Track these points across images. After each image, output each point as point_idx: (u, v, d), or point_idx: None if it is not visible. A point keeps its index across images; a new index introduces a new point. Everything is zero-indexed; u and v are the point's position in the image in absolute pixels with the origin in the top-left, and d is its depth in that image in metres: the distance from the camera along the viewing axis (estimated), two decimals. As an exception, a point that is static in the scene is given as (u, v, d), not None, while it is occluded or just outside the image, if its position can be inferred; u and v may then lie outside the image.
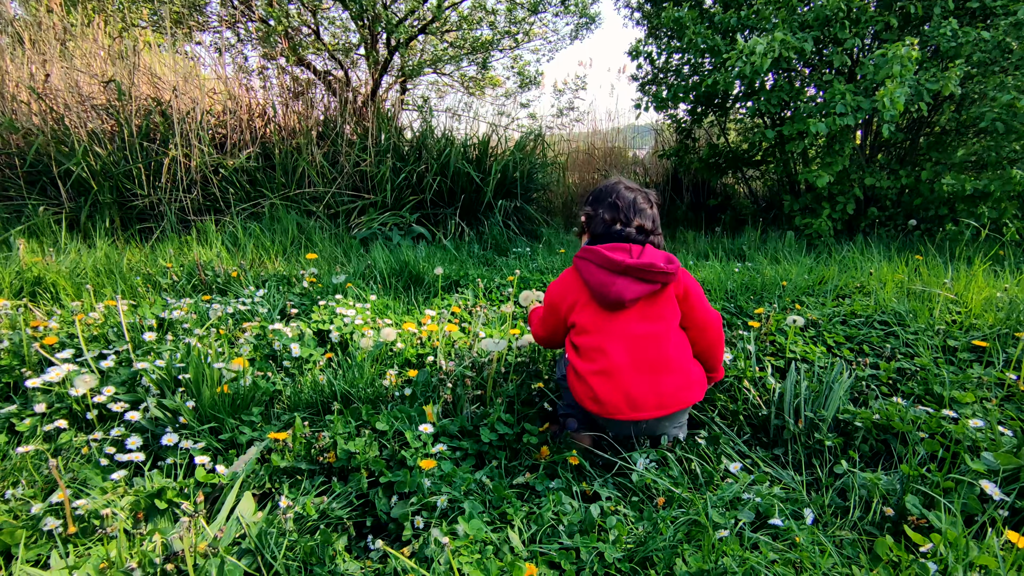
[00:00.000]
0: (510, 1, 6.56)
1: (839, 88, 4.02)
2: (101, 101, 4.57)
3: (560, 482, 1.30)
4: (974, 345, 1.95)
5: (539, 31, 7.31)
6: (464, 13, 6.68)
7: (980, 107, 4.13)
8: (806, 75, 4.90)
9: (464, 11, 6.71)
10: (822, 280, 2.91)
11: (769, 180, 6.29)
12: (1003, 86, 4.00)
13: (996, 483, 1.14)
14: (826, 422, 1.43)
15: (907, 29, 4.40)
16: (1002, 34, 4.03)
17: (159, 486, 1.08)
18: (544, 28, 7.32)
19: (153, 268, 2.82)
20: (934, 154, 4.73)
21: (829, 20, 4.10)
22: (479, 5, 6.69)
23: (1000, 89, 3.99)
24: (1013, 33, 4.02)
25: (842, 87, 4.02)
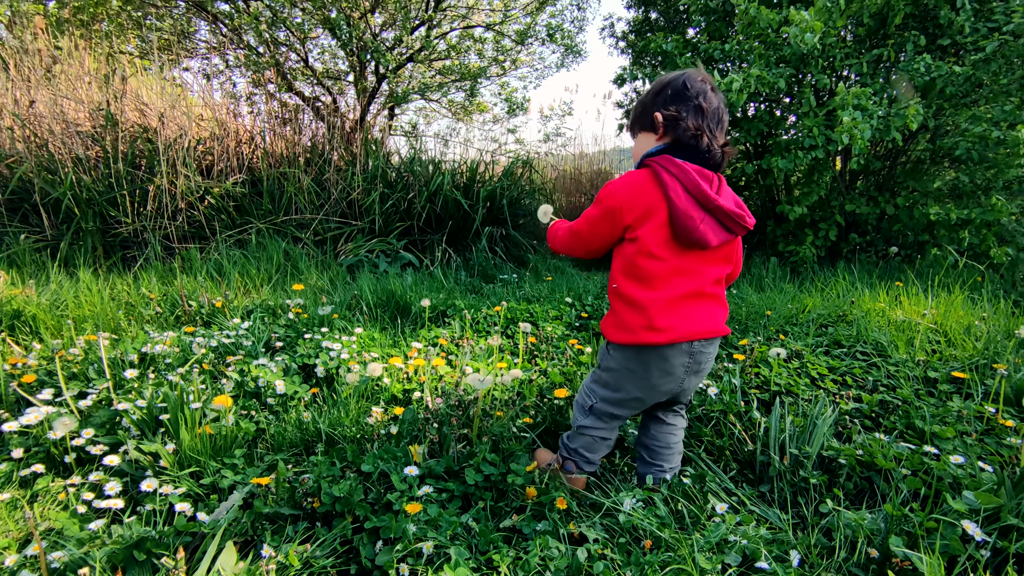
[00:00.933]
0: (497, 31, 6.68)
1: (807, 123, 4.12)
2: (87, 127, 4.56)
3: (547, 524, 1.29)
4: (954, 376, 1.98)
5: (526, 59, 7.44)
6: (452, 42, 6.79)
7: (953, 137, 4.24)
8: (787, 104, 5.02)
9: (452, 40, 6.81)
10: (805, 308, 2.95)
11: (753, 206, 6.39)
12: (975, 118, 4.12)
13: (977, 523, 1.15)
14: (811, 459, 1.44)
15: (881, 64, 4.53)
16: (971, 68, 4.17)
17: (138, 536, 1.06)
18: (531, 56, 7.45)
19: (136, 299, 2.79)
20: (911, 182, 4.84)
21: (805, 57, 4.21)
22: (467, 34, 6.80)
23: (972, 121, 4.11)
24: (982, 68, 4.15)
25: (810, 122, 4.12)
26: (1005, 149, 4.00)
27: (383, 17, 6.43)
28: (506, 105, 7.77)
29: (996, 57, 4.14)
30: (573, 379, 1.91)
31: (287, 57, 6.29)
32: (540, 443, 1.66)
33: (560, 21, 7.05)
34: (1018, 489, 1.21)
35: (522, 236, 5.19)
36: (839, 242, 4.95)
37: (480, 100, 7.69)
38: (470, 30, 6.70)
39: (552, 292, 3.52)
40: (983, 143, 4.04)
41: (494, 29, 6.62)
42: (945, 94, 4.22)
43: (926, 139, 4.81)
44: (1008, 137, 3.89)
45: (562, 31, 6.85)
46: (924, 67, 4.29)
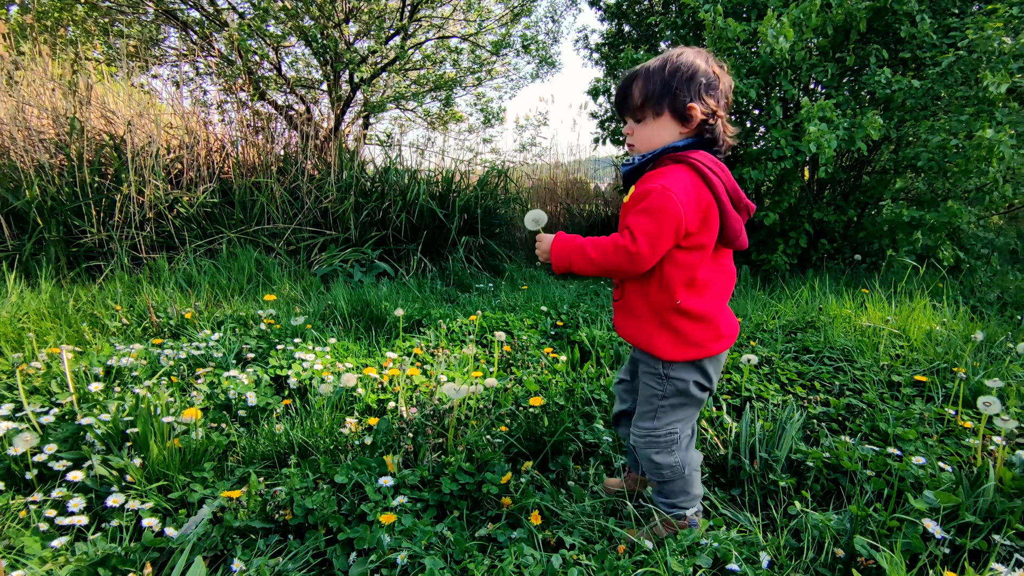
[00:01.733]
0: (472, 42, 6.72)
1: (776, 134, 4.23)
2: (51, 135, 4.45)
3: (523, 531, 1.30)
4: (916, 380, 2.05)
5: (501, 69, 7.49)
6: (428, 52, 6.81)
7: (915, 148, 4.39)
8: (756, 115, 5.14)
9: (428, 50, 6.84)
10: (776, 315, 3.01)
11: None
12: (933, 129, 4.28)
13: (937, 521, 1.19)
14: (779, 462, 1.47)
15: (846, 76, 4.67)
16: (930, 82, 4.33)
17: (103, 553, 1.04)
18: (506, 67, 7.51)
19: (101, 310, 2.72)
20: (875, 191, 5.00)
21: (774, 68, 4.32)
22: (443, 45, 6.83)
23: (931, 132, 4.27)
24: (940, 82, 4.32)
25: (779, 133, 4.23)
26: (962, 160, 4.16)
27: (357, 27, 6.43)
28: (482, 115, 7.81)
29: (952, 71, 4.32)
30: (548, 387, 1.92)
31: (260, 65, 6.22)
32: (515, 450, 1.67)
33: (535, 33, 7.13)
34: (976, 488, 1.26)
35: (498, 245, 5.21)
36: (809, 250, 5.07)
37: (455, 110, 7.71)
38: (445, 40, 6.73)
39: (528, 301, 3.54)
40: (942, 153, 4.19)
41: (469, 40, 6.66)
42: (906, 106, 4.37)
43: (890, 150, 4.97)
44: (966, 146, 4.04)
45: (536, 43, 6.92)
46: (885, 80, 4.45)
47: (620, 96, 1.23)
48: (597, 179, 8.17)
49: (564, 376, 2.04)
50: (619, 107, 1.24)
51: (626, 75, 1.23)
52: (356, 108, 6.84)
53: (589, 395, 1.89)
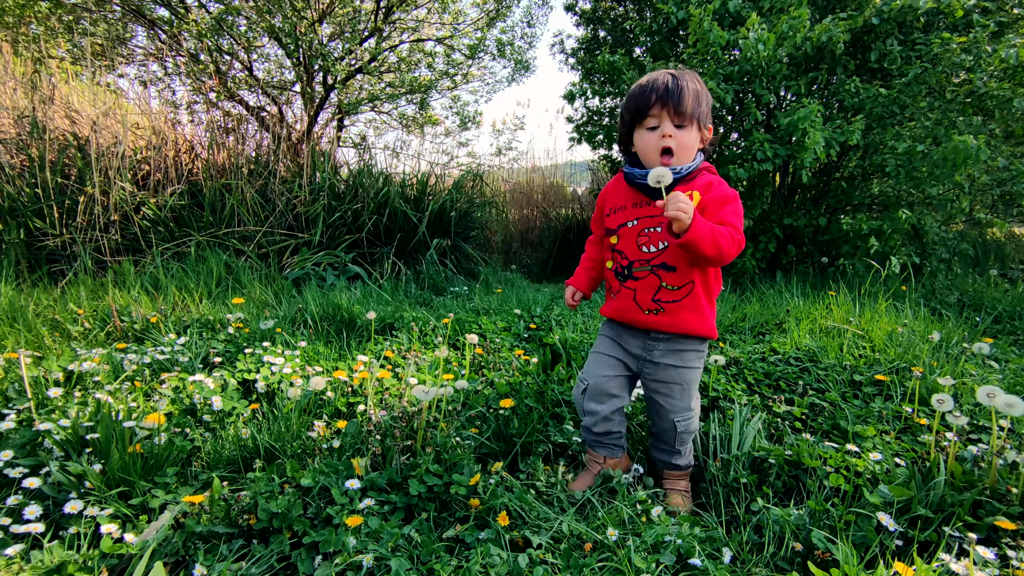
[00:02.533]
0: (447, 46, 6.72)
1: (758, 137, 4.32)
2: (11, 135, 4.32)
3: (490, 532, 1.30)
4: (877, 379, 2.11)
5: (477, 73, 7.50)
6: (403, 54, 6.79)
7: (882, 155, 4.53)
8: (729, 121, 5.23)
9: (403, 52, 6.81)
10: (744, 317, 3.07)
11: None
12: (899, 136, 4.41)
13: (891, 514, 1.23)
14: (741, 460, 1.50)
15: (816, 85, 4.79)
16: (896, 92, 4.48)
17: (59, 560, 1.01)
18: (482, 70, 7.52)
19: (62, 314, 2.66)
20: (843, 197, 5.13)
21: (750, 75, 4.41)
22: (418, 48, 6.81)
23: (897, 139, 4.40)
24: (906, 91, 4.47)
25: (761, 136, 4.32)
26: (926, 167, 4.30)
27: (331, 28, 6.38)
28: (458, 119, 7.81)
29: (916, 81, 4.47)
30: (519, 389, 1.93)
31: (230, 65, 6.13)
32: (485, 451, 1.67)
33: (511, 37, 7.16)
34: (927, 482, 1.30)
35: (473, 249, 5.21)
36: (778, 254, 5.18)
37: (432, 113, 7.70)
38: (421, 43, 6.71)
39: (502, 304, 3.55)
40: (908, 159, 4.32)
41: (444, 43, 6.66)
42: (874, 115, 4.50)
43: (857, 156, 5.11)
44: (935, 152, 4.18)
45: (512, 46, 6.95)
46: (854, 89, 4.58)
47: (676, 96, 1.33)
48: (574, 183, 8.23)
49: (535, 378, 2.06)
50: (667, 104, 1.33)
51: (676, 78, 1.35)
52: (330, 110, 6.78)
53: (559, 397, 1.90)
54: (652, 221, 1.39)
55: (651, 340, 1.46)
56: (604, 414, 1.49)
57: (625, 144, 1.48)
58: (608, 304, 1.54)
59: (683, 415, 1.48)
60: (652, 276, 1.40)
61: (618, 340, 1.51)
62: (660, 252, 1.39)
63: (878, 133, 4.69)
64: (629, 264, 1.43)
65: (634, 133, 1.41)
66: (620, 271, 1.45)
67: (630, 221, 1.43)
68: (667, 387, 1.47)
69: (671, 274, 1.39)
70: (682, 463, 1.54)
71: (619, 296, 1.47)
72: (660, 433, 1.53)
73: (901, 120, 4.65)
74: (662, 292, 1.40)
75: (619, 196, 1.48)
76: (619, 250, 1.45)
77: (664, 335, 1.45)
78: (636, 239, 1.42)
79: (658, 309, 1.41)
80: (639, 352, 1.47)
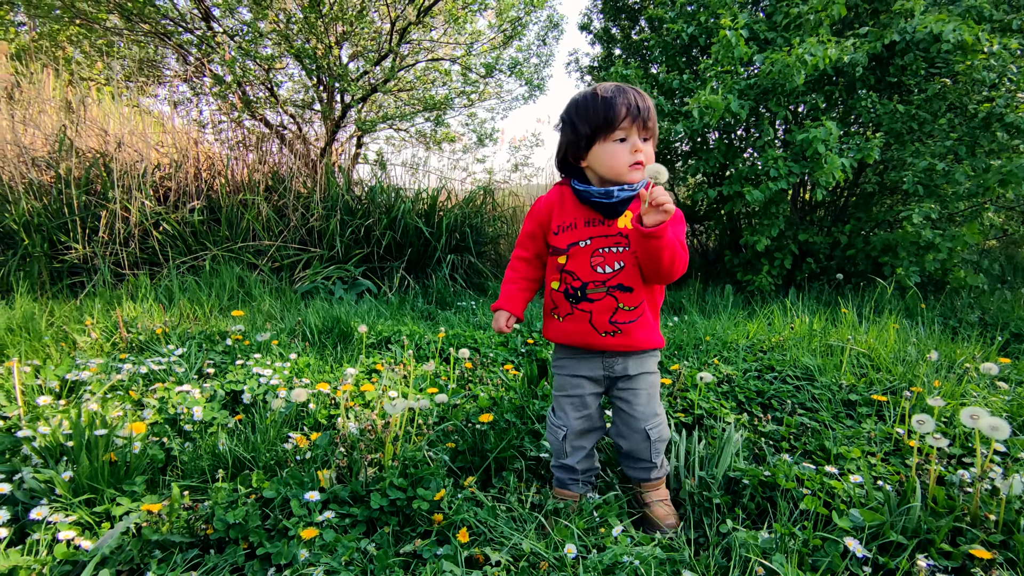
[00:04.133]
0: (462, 64, 6.82)
1: (772, 154, 4.25)
2: (42, 153, 4.52)
3: (450, 548, 1.29)
4: (874, 399, 2.04)
5: (493, 91, 7.59)
6: (419, 73, 6.92)
7: (900, 172, 4.42)
8: (744, 137, 5.17)
9: (419, 71, 6.94)
10: (748, 334, 3.01)
11: (712, 237, 6.53)
12: (918, 153, 4.30)
13: (861, 540, 1.18)
14: (717, 480, 1.46)
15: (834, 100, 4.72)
16: (915, 108, 4.38)
17: (11, 565, 1.04)
18: (498, 88, 7.61)
19: (71, 326, 2.74)
20: (860, 213, 5.02)
21: (767, 92, 4.35)
22: (434, 67, 6.94)
23: (916, 156, 4.29)
24: (925, 107, 4.37)
25: (775, 153, 4.25)
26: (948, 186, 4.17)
27: (351, 50, 6.54)
28: (474, 136, 7.90)
29: (936, 98, 4.36)
30: (500, 403, 1.92)
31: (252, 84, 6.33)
32: (450, 469, 1.66)
33: (527, 56, 7.24)
34: (902, 506, 1.25)
35: (483, 264, 5.23)
36: (794, 270, 5.07)
37: (448, 130, 7.80)
38: (436, 62, 6.83)
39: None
40: (928, 176, 4.21)
41: (459, 62, 6.76)
42: (892, 131, 4.41)
43: (874, 173, 5.00)
44: (954, 170, 4.06)
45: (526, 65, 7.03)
46: (871, 104, 4.50)
47: (645, 111, 1.32)
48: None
49: (517, 392, 2.04)
50: (637, 118, 1.31)
51: (638, 93, 1.33)
52: (349, 128, 6.93)
53: (540, 412, 1.88)
54: (607, 240, 1.35)
55: (608, 358, 1.42)
56: (588, 450, 1.49)
57: (575, 158, 1.39)
58: (555, 327, 1.46)
59: (653, 421, 1.44)
60: (609, 298, 1.36)
61: (577, 373, 1.45)
62: (616, 272, 1.35)
63: (896, 149, 4.58)
64: (583, 285, 1.38)
65: (594, 146, 1.34)
66: (572, 292, 1.39)
67: (582, 240, 1.37)
68: (634, 394, 1.43)
69: (627, 295, 1.36)
70: (661, 473, 1.50)
71: (570, 319, 1.41)
72: (633, 449, 1.49)
73: (920, 136, 4.53)
74: (619, 313, 1.37)
75: (567, 213, 1.40)
76: (569, 271, 1.39)
77: (622, 354, 1.42)
78: (589, 259, 1.36)
79: (615, 331, 1.38)
80: (601, 373, 1.44)
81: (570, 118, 1.37)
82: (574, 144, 1.36)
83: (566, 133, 1.38)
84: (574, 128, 1.35)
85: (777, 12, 4.59)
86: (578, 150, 1.36)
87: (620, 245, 1.35)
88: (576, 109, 1.36)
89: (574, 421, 1.46)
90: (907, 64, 4.37)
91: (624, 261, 1.34)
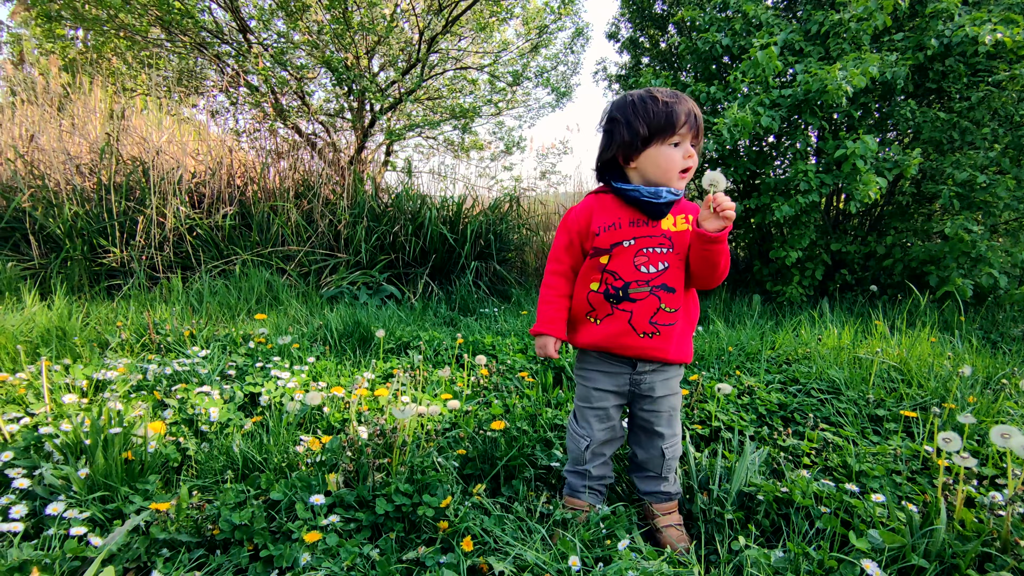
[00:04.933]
0: (490, 74, 6.86)
1: (802, 167, 4.15)
2: (87, 160, 4.71)
3: (453, 557, 1.28)
4: (903, 415, 1.95)
5: (521, 99, 7.61)
6: (447, 81, 6.99)
7: (938, 183, 4.26)
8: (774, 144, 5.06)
9: (447, 79, 7.01)
10: (774, 345, 2.93)
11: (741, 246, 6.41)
12: (958, 163, 4.14)
13: (880, 563, 1.12)
14: (730, 496, 1.42)
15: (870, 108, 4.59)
16: (956, 116, 4.21)
17: (21, 559, 1.06)
18: (526, 96, 7.63)
19: (103, 327, 2.83)
20: (896, 223, 4.85)
21: (800, 104, 4.25)
22: (461, 75, 7.00)
23: (957, 166, 4.13)
24: (968, 115, 4.20)
25: (804, 166, 4.15)
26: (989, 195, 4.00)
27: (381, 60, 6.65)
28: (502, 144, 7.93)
29: (979, 106, 4.19)
30: (513, 411, 1.90)
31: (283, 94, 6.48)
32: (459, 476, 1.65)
33: (555, 64, 7.25)
34: (925, 528, 1.18)
35: (508, 271, 5.23)
36: (826, 281, 4.93)
37: (476, 138, 7.85)
38: (464, 71, 6.89)
39: (528, 323, 3.53)
40: (969, 188, 4.04)
41: (486, 71, 6.81)
42: (932, 140, 4.26)
43: (911, 184, 4.83)
44: (995, 182, 3.89)
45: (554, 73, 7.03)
46: (910, 112, 4.35)
47: (699, 119, 1.33)
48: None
49: (531, 400, 2.02)
50: (694, 126, 1.33)
51: (693, 102, 1.35)
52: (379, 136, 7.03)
53: (552, 421, 1.86)
54: (651, 241, 1.34)
55: (637, 374, 1.40)
56: (606, 457, 1.49)
57: (626, 158, 1.36)
58: (588, 331, 1.42)
59: (671, 441, 1.44)
60: (652, 297, 1.35)
61: (603, 387, 1.42)
62: (661, 272, 1.34)
63: (935, 159, 4.42)
64: (625, 285, 1.36)
65: (649, 148, 1.32)
66: (613, 293, 1.37)
67: (626, 240, 1.35)
68: (658, 416, 1.43)
69: (670, 295, 1.35)
70: (672, 491, 1.47)
71: (609, 320, 1.38)
72: (645, 462, 1.47)
73: (961, 146, 4.35)
74: (660, 314, 1.35)
75: (609, 214, 1.38)
76: (611, 270, 1.37)
77: (653, 365, 1.40)
78: (633, 258, 1.35)
79: (654, 332, 1.35)
80: (627, 389, 1.42)
81: (626, 118, 1.34)
82: (628, 144, 1.33)
83: (619, 132, 1.35)
84: (630, 127, 1.32)
85: (811, 22, 4.48)
86: (631, 150, 1.34)
87: (664, 246, 1.34)
88: (633, 109, 1.33)
89: (598, 433, 1.45)
90: (947, 69, 4.23)
91: (668, 262, 1.34)
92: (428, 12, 5.99)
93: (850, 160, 3.79)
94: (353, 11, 5.80)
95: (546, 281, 1.49)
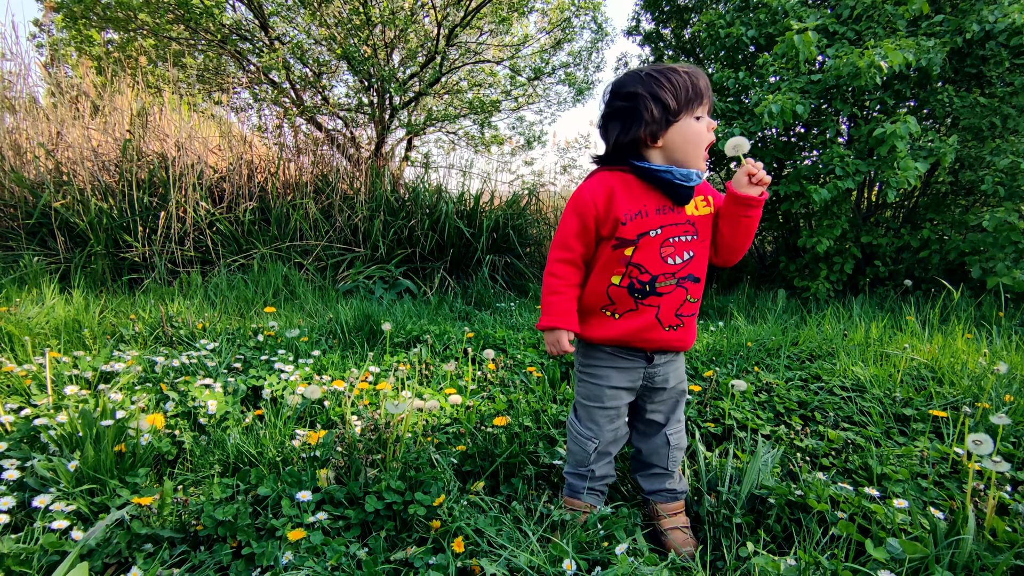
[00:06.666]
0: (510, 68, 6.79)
1: (837, 151, 3.99)
2: (112, 157, 4.78)
3: (443, 558, 1.22)
4: (932, 415, 1.83)
5: (541, 94, 7.52)
6: (466, 75, 6.94)
7: (978, 171, 4.05)
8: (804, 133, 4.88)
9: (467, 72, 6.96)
10: (797, 341, 2.81)
11: (767, 239, 6.22)
12: (999, 150, 3.92)
13: (899, 574, 1.03)
14: (740, 498, 1.33)
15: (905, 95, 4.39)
16: (998, 102, 4.00)
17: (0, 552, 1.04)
18: (546, 91, 7.54)
19: (118, 320, 2.86)
20: (932, 214, 4.64)
21: (829, 90, 4.08)
22: (481, 69, 6.94)
23: (996, 153, 3.92)
24: (1010, 100, 3.98)
25: (840, 151, 3.99)
26: None
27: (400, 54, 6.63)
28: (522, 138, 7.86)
29: (1022, 92, 3.97)
30: (517, 406, 1.84)
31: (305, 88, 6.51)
32: (458, 473, 1.59)
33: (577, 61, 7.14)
34: (951, 537, 1.09)
35: (526, 265, 5.16)
36: (856, 275, 4.75)
37: (496, 133, 7.79)
38: (483, 65, 6.83)
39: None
40: (1011, 176, 3.83)
41: (506, 66, 6.74)
42: (971, 127, 4.05)
43: (947, 172, 4.61)
44: None
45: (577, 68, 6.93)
46: (948, 98, 4.15)
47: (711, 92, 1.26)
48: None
49: (536, 395, 1.96)
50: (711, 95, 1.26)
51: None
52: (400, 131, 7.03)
53: (557, 416, 1.79)
54: (677, 229, 1.23)
55: (653, 367, 1.32)
56: (611, 457, 1.42)
57: (653, 137, 1.22)
58: (605, 326, 1.30)
59: (675, 427, 1.40)
60: (679, 290, 1.26)
61: (617, 384, 1.33)
62: (686, 263, 1.25)
63: (974, 146, 4.20)
64: (652, 279, 1.24)
65: (676, 123, 1.21)
66: (638, 287, 1.25)
67: (652, 230, 1.22)
68: (665, 404, 1.37)
69: (696, 285, 1.28)
70: (678, 488, 1.40)
71: (631, 315, 1.27)
72: (650, 455, 1.40)
73: (1002, 132, 4.13)
74: (685, 305, 1.28)
75: (635, 200, 1.24)
76: (636, 263, 1.24)
77: (669, 355, 1.34)
78: (659, 249, 1.23)
79: (679, 324, 1.28)
80: (640, 384, 1.34)
81: (651, 92, 1.20)
82: (657, 121, 1.20)
83: (646, 108, 1.20)
84: (658, 101, 1.19)
85: (841, 6, 4.30)
86: (660, 127, 1.21)
87: (689, 233, 1.25)
88: (657, 82, 1.20)
89: (607, 433, 1.36)
90: (988, 54, 4.01)
91: (693, 250, 1.26)
92: (447, 4, 5.94)
93: (888, 142, 3.61)
94: (373, 4, 5.79)
95: (552, 270, 1.33)
